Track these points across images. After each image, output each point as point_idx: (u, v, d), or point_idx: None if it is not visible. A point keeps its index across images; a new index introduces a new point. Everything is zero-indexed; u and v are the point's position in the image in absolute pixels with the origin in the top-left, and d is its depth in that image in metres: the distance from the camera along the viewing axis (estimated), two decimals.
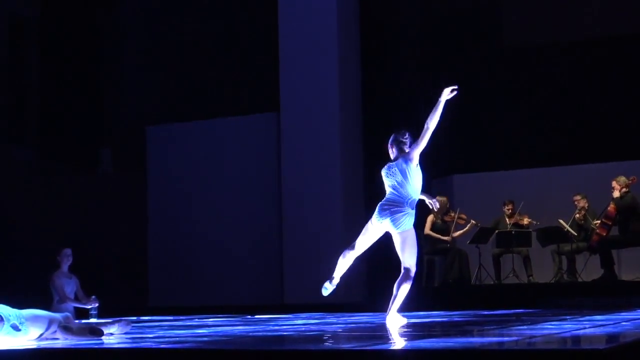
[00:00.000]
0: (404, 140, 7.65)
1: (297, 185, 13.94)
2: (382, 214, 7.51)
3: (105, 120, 17.19)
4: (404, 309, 7.64)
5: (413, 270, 7.53)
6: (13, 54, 17.01)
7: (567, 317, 7.77)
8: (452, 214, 13.04)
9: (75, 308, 10.40)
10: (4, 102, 16.73)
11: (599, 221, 12.25)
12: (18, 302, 6.30)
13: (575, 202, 12.73)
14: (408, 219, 7.49)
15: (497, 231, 13.04)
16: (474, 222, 13.00)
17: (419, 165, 7.61)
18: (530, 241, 13.00)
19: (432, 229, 13.02)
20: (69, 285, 10.59)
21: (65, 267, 10.68)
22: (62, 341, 5.95)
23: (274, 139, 14.49)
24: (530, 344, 5.09)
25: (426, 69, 14.91)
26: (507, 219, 13.19)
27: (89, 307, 10.27)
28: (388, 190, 7.59)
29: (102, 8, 17.36)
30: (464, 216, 13.08)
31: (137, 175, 15.84)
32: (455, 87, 7.68)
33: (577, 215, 12.64)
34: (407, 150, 7.60)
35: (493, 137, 14.32)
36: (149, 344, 5.68)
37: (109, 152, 16.97)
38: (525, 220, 13.08)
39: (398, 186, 7.51)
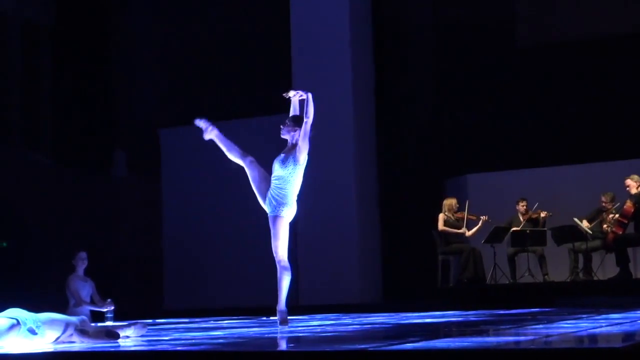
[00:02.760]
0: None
1: (311, 186, 13.88)
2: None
3: (119, 124, 17.25)
4: (422, 308, 7.63)
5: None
6: (28, 60, 17.09)
7: (583, 315, 7.73)
8: (462, 213, 13.03)
9: (91, 311, 10.43)
10: (19, 107, 16.81)
11: (615, 216, 12.18)
12: (34, 306, 6.32)
13: (604, 204, 12.55)
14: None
15: (512, 230, 13.00)
16: (484, 217, 12.97)
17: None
18: (545, 240, 12.95)
19: (445, 226, 13.02)
20: (84, 289, 10.63)
21: (80, 270, 10.72)
22: (79, 344, 5.97)
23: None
24: (546, 343, 5.07)
25: (439, 69, 14.91)
26: (521, 217, 13.15)
27: (105, 310, 10.30)
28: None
29: (115, 13, 17.42)
30: (474, 215, 13.07)
31: (151, 177, 15.88)
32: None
33: (605, 226, 12.44)
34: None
35: (507, 136, 14.29)
36: (164, 346, 5.69)
37: (123, 155, 17.04)
38: (542, 214, 12.99)
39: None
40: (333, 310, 11.26)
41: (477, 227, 13.07)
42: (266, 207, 7.59)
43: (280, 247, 7.52)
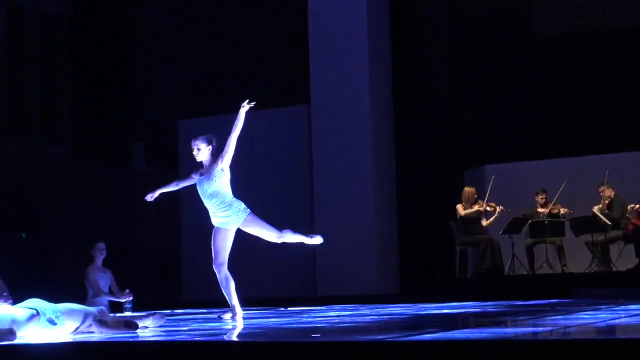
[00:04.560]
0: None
1: (329, 177, 13.93)
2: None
3: (137, 115, 17.31)
4: (440, 298, 7.61)
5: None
6: (46, 52, 17.17)
7: (602, 306, 7.70)
8: (480, 203, 12.99)
9: (110, 302, 10.47)
10: (37, 99, 16.88)
11: (635, 206, 12.13)
12: (53, 297, 6.36)
13: (601, 193, 12.60)
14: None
15: (530, 221, 12.96)
16: (502, 208, 12.93)
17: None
18: (564, 231, 12.91)
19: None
20: (103, 279, 10.67)
21: (99, 261, 10.76)
22: (98, 335, 6.00)
23: (304, 132, 14.48)
24: (565, 334, 5.05)
25: (457, 60, 14.85)
26: (539, 208, 13.10)
27: (124, 300, 10.34)
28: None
29: (132, 5, 17.46)
30: (492, 204, 13.03)
31: (169, 169, 15.93)
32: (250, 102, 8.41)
33: (600, 206, 12.50)
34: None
35: (526, 126, 14.24)
36: (183, 336, 5.71)
37: (141, 146, 17.10)
38: (562, 210, 12.96)
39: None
40: (350, 301, 11.26)
41: (494, 217, 13.03)
42: (235, 222, 8.32)
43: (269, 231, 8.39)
